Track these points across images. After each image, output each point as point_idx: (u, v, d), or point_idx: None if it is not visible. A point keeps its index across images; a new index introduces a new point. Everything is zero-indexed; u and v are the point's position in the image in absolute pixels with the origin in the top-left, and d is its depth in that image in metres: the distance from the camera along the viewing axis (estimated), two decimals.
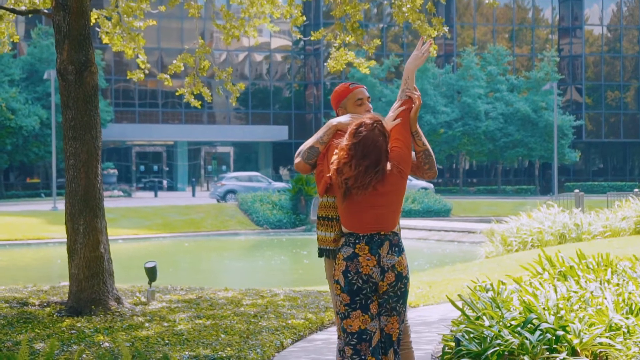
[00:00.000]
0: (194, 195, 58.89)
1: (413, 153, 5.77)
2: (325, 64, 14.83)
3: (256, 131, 70.94)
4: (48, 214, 43.61)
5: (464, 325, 7.96)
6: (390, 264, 5.52)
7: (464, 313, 8.38)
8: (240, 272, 27.36)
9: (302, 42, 75.66)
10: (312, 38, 13.90)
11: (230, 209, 46.44)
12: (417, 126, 5.74)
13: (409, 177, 5.58)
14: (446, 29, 12.85)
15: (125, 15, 14.08)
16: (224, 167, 71.01)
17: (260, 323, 9.77)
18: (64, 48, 10.31)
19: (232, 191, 50.90)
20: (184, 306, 10.95)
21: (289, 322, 9.87)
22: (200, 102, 14.62)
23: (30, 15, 13.17)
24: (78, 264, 10.34)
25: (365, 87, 5.99)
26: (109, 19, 14.22)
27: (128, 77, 14.40)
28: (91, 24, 14.24)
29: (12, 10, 11.72)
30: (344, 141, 5.49)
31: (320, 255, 5.87)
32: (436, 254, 30.68)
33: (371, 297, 5.54)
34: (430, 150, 5.78)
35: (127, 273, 26.82)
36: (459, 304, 9.05)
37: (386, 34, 77.05)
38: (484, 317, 8.05)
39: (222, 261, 31.77)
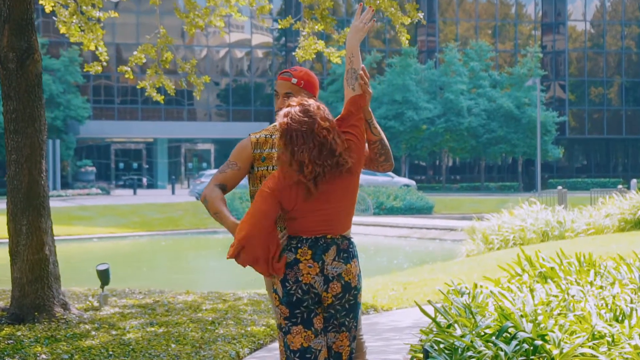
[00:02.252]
0: (173, 193, 58.06)
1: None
2: (293, 53, 14.09)
3: (237, 128, 70.09)
4: None
5: (433, 335, 7.25)
6: (335, 272, 4.74)
7: (434, 320, 7.67)
8: (212, 271, 26.63)
9: (283, 39, 74.85)
10: (279, 27, 13.16)
11: None
12: (371, 113, 5.01)
13: (389, 173, 4.77)
14: (421, 15, 12.13)
15: (82, 5, 13.33)
16: (204, 165, 70.19)
17: (217, 330, 9.04)
18: (3, 34, 9.53)
19: None
20: (138, 312, 10.21)
21: (249, 329, 9.14)
22: (163, 97, 13.90)
23: None
24: (20, 267, 9.57)
25: (295, 80, 5.20)
26: (65, 7, 13.44)
27: (85, 70, 13.60)
28: (48, 11, 13.61)
29: None
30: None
31: None
32: (417, 252, 30.03)
33: (314, 311, 4.78)
34: (386, 140, 5.07)
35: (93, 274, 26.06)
36: (431, 309, 8.36)
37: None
38: (456, 325, 7.34)
39: (196, 260, 31.02)
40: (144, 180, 66.61)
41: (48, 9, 13.29)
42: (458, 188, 68.19)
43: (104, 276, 10.61)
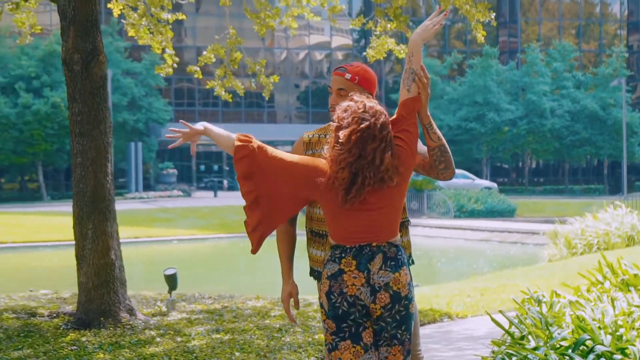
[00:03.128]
0: None
1: (425, 150, 4.75)
2: (364, 53, 13.80)
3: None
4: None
5: (505, 347, 6.87)
6: (382, 282, 4.39)
7: (507, 331, 7.29)
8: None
9: (362, 40, 74.58)
10: (351, 25, 12.89)
11: None
12: (430, 117, 4.64)
13: (469, 175, 4.40)
14: (492, 15, 11.72)
15: (152, 7, 13.25)
16: None
17: (283, 338, 8.78)
18: (69, 35, 9.42)
19: None
20: (205, 318, 10.01)
21: (316, 337, 8.86)
22: (231, 95, 13.74)
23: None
24: (86, 271, 9.44)
25: (349, 76, 4.88)
26: (134, 10, 13.37)
27: (156, 72, 13.53)
28: (116, 15, 13.55)
29: None
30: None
31: (311, 275, 4.89)
32: (497, 257, 29.42)
33: (363, 324, 4.44)
34: (447, 145, 4.70)
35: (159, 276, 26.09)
36: (505, 318, 7.97)
37: (449, 31, 75.63)
38: (530, 337, 6.96)
39: (273, 263, 30.79)
40: (225, 182, 66.87)
41: (116, 12, 13.25)
42: (541, 191, 66.95)
43: (171, 281, 10.45)
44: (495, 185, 54.74)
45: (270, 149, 4.45)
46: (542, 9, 75.43)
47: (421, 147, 4.77)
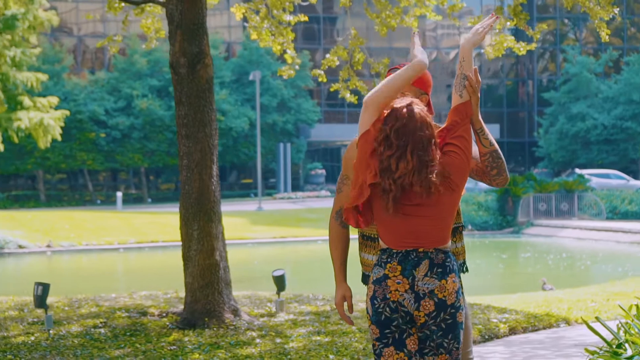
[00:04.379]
0: None
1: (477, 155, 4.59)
2: (482, 51, 13.51)
3: None
4: (253, 214, 43.89)
5: (597, 355, 6.56)
6: (427, 289, 4.26)
7: (603, 338, 6.96)
8: None
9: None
10: (469, 24, 12.61)
11: None
12: (482, 122, 4.49)
13: (623, 176, 4.17)
14: (616, 10, 11.25)
15: (273, 9, 13.36)
16: None
17: None
18: (176, 39, 9.58)
19: None
20: (311, 319, 9.99)
21: None
22: (356, 97, 13.68)
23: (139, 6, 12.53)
24: (192, 272, 9.57)
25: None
26: (256, 12, 13.51)
27: (278, 74, 13.62)
28: (238, 18, 13.72)
29: (126, 0, 11.14)
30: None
31: (362, 282, 4.79)
32: None
33: (407, 331, 4.32)
34: (500, 151, 4.53)
35: (308, 276, 26.31)
36: (612, 324, 7.63)
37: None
38: (627, 345, 6.62)
39: None
40: None
41: (239, 16, 13.42)
42: None
43: (279, 282, 10.48)
44: None
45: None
46: None
47: (475, 152, 4.61)
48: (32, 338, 8.91)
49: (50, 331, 9.09)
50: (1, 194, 56.78)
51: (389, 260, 4.32)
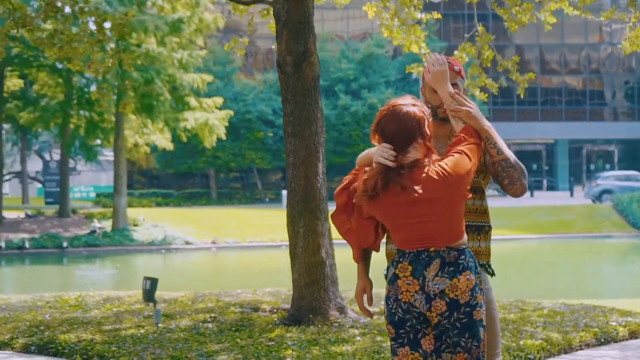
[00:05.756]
0: (572, 195, 56.48)
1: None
2: (619, 46, 13.00)
3: None
4: None
5: None
6: (437, 289, 4.17)
7: None
8: (589, 278, 25.35)
9: None
10: (602, 18, 12.20)
11: (604, 210, 43.98)
12: (488, 131, 4.45)
13: None
14: None
15: (404, 7, 13.31)
16: (607, 166, 67.63)
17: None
18: (282, 38, 9.66)
19: (608, 191, 48.04)
20: None
21: (521, 342, 8.47)
22: (486, 95, 13.46)
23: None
24: (298, 269, 9.65)
25: (457, 68, 4.67)
26: (387, 10, 13.49)
27: (407, 71, 13.55)
28: (371, 16, 13.72)
29: (236, 1, 11.31)
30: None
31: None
32: None
33: (422, 330, 4.23)
34: (512, 160, 4.47)
35: None
36: None
37: None
38: None
39: (575, 266, 29.72)
40: (544, 182, 65.49)
41: (370, 14, 13.44)
42: None
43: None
44: None
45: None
46: None
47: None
48: (142, 331, 9.18)
49: (159, 324, 9.34)
50: (175, 192, 58.78)
51: (400, 260, 4.27)
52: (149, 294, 9.20)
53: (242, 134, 55.08)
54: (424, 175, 4.20)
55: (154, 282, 9.17)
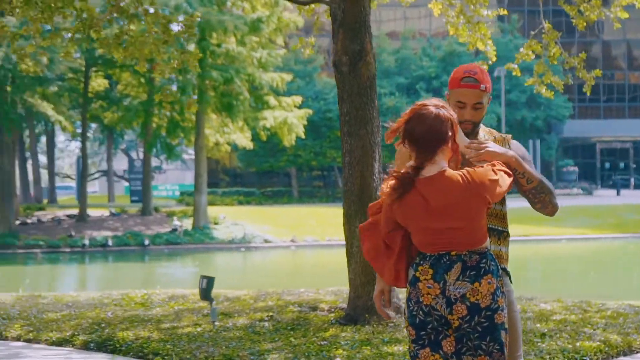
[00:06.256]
0: None
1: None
2: None
3: None
4: None
5: None
6: (458, 293, 4.12)
7: None
8: None
9: None
10: None
11: None
12: (516, 161, 4.48)
13: None
14: None
15: (470, 5, 13.22)
16: None
17: (540, 344, 8.36)
18: (338, 38, 9.65)
19: None
20: None
21: (578, 344, 8.32)
22: (552, 92, 13.25)
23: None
24: (354, 268, 9.64)
25: (483, 86, 4.61)
26: (452, 7, 13.40)
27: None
28: (436, 14, 13.65)
29: (294, 1, 11.32)
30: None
31: None
32: None
33: (443, 332, 4.20)
34: (542, 186, 4.60)
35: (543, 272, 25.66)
36: None
37: None
38: None
39: None
40: (632, 180, 64.20)
41: (436, 12, 13.38)
42: None
43: None
44: None
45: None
46: None
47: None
48: (199, 329, 9.28)
49: (216, 323, 9.43)
50: (258, 190, 59.22)
51: (421, 262, 4.24)
52: (205, 293, 9.29)
53: (323, 133, 55.22)
54: (447, 179, 4.17)
55: (210, 280, 9.25)
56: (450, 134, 4.26)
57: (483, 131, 4.80)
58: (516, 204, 47.78)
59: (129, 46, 11.41)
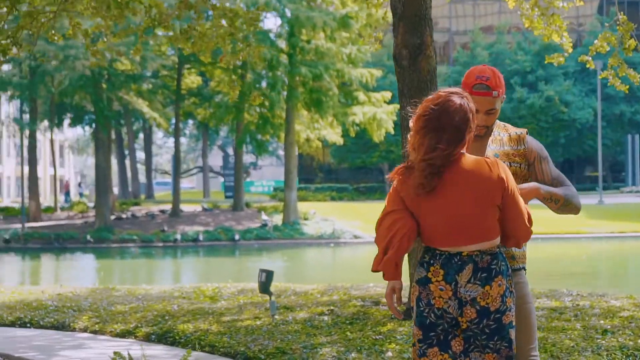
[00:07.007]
0: None
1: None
2: None
3: None
4: (591, 208, 42.44)
5: None
6: (469, 296, 4.11)
7: None
8: None
9: None
10: None
11: None
12: (540, 190, 4.56)
13: None
14: None
15: None
16: None
17: (600, 340, 8.17)
18: (398, 31, 9.58)
19: None
20: (543, 315, 9.61)
21: (639, 341, 8.13)
22: (627, 87, 12.94)
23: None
24: (414, 263, 9.56)
25: (496, 93, 4.58)
26: (527, 0, 13.22)
27: (546, 61, 13.25)
28: (511, 6, 13.47)
29: None
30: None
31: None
32: None
33: (452, 332, 4.18)
34: (567, 201, 4.67)
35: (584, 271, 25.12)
36: None
37: None
38: None
39: None
40: None
41: (511, 4, 13.23)
42: None
43: None
44: None
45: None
46: None
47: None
48: (258, 322, 9.35)
49: (275, 316, 9.49)
50: (350, 186, 59.30)
51: (432, 262, 4.22)
52: (264, 286, 9.34)
53: None
54: (462, 169, 4.16)
55: (269, 274, 9.30)
56: (470, 124, 4.24)
57: (497, 128, 4.75)
58: (621, 200, 46.94)
59: (197, 40, 11.57)
